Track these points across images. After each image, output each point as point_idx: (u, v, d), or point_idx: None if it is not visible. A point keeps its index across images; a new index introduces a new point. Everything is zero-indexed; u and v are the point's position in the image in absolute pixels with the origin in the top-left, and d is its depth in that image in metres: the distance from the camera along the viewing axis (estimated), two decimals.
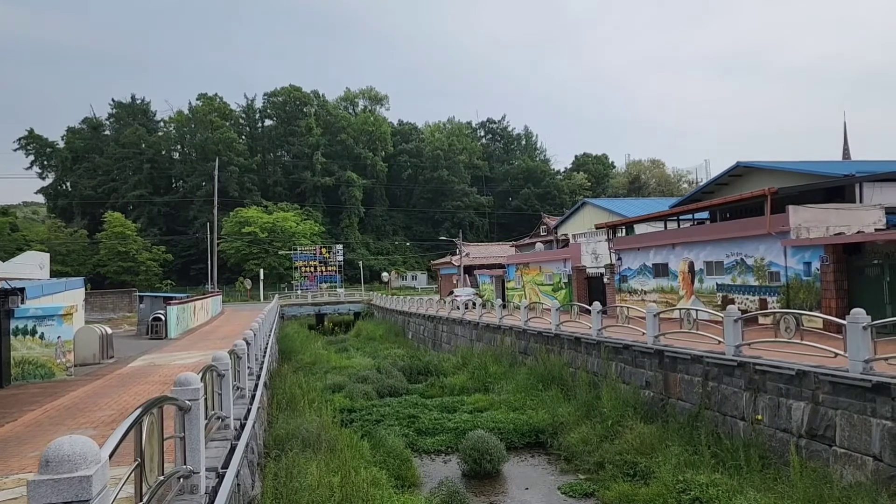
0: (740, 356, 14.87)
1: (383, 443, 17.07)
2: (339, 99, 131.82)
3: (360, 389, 25.24)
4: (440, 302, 47.87)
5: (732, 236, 24.41)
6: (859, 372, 11.66)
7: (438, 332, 41.66)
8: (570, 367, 22.59)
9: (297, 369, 29.30)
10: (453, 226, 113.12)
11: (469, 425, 19.19)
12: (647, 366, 18.51)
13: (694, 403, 16.17)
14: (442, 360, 31.73)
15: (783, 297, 21.89)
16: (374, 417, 21.13)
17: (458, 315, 37.82)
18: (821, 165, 27.82)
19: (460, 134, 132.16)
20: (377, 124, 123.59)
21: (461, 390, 25.20)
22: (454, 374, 27.92)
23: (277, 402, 19.93)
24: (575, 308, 25.88)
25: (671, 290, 28.37)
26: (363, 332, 53.05)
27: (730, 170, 30.14)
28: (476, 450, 16.24)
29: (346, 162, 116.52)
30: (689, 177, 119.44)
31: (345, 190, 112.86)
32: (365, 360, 35.18)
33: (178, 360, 21.19)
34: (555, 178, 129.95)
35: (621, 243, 33.20)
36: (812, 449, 12.61)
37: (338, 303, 73.83)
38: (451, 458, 17.73)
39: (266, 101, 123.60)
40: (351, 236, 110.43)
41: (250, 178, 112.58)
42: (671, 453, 14.30)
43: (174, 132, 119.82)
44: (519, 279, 46.57)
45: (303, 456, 13.14)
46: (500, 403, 21.79)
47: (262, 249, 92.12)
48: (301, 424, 15.48)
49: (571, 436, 17.46)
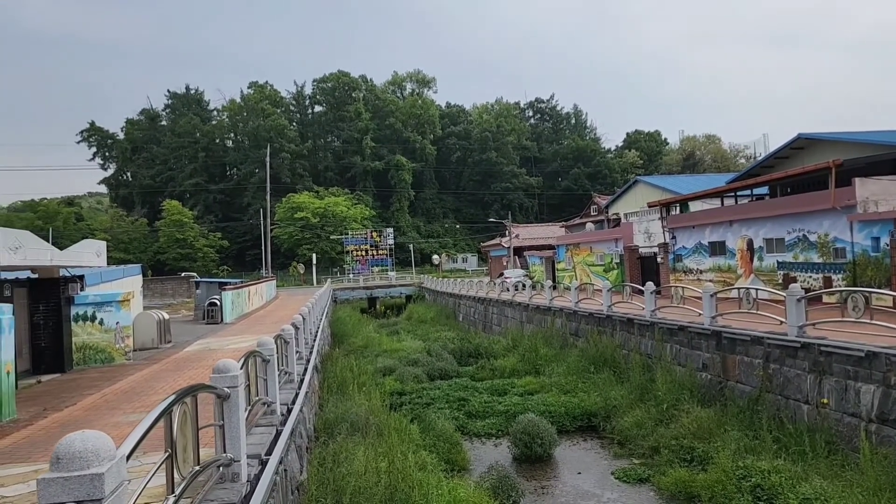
0: (804, 337, 14.17)
1: (433, 426, 16.97)
2: (387, 83, 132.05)
3: (411, 372, 25.23)
4: (490, 284, 47.55)
5: (794, 212, 23.37)
6: None
7: (489, 314, 41.41)
8: (623, 350, 22.08)
9: (349, 353, 29.49)
10: (502, 207, 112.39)
11: (519, 408, 18.94)
12: (703, 347, 17.89)
13: (754, 386, 15.54)
14: (492, 342, 31.49)
15: (849, 275, 20.87)
16: (423, 401, 21.05)
17: (508, 297, 37.51)
18: (888, 135, 26.37)
19: (508, 115, 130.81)
20: (425, 107, 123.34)
21: (511, 373, 24.94)
22: (504, 357, 27.66)
23: (328, 385, 20.04)
24: (627, 289, 25.26)
25: (728, 269, 27.43)
26: (414, 315, 53.11)
27: (790, 142, 28.88)
28: (527, 433, 15.98)
29: (395, 146, 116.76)
30: (746, 152, 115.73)
31: (394, 174, 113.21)
32: (415, 343, 35.19)
33: (232, 345, 21.50)
34: (605, 156, 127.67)
35: (675, 221, 32.28)
36: (883, 434, 11.93)
37: (389, 286, 74.20)
38: (502, 442, 17.52)
39: (315, 88, 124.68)
40: (401, 220, 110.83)
41: (301, 164, 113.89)
42: (730, 438, 13.77)
43: (227, 121, 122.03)
44: (569, 260, 45.89)
45: (351, 440, 13.09)
46: (551, 386, 21.46)
47: (314, 234, 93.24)
48: (350, 408, 15.48)
49: (625, 419, 17.04)
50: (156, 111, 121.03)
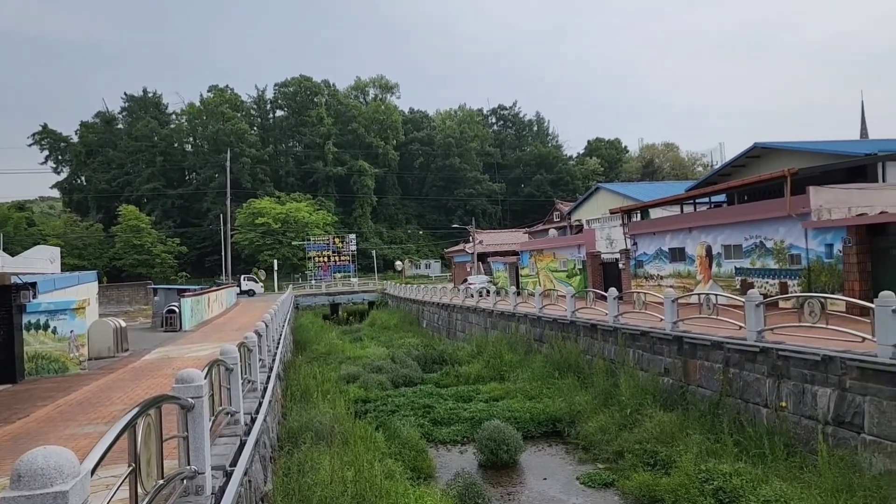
0: (763, 342, 14.47)
1: (398, 434, 16.86)
2: (350, 88, 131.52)
3: (375, 379, 25.05)
4: (454, 290, 47.57)
5: (751, 219, 23.90)
6: (889, 357, 11.24)
7: (453, 320, 41.40)
8: (587, 355, 22.26)
9: (312, 360, 29.17)
10: (466, 213, 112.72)
11: (485, 415, 18.94)
12: (665, 352, 18.14)
13: (714, 390, 15.81)
14: (456, 348, 31.46)
15: (804, 281, 21.41)
16: (388, 408, 20.91)
17: (472, 303, 37.54)
18: (841, 145, 27.17)
19: (471, 121, 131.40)
20: (388, 113, 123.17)
21: (476, 379, 24.93)
22: (469, 363, 27.63)
23: (291, 393, 19.77)
24: (590, 294, 25.50)
25: (688, 275, 27.91)
26: (377, 322, 52.82)
27: (747, 151, 29.55)
28: (492, 440, 15.98)
29: (357, 151, 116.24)
30: (703, 160, 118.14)
31: (357, 179, 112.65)
32: (379, 349, 34.96)
33: (192, 353, 21.07)
34: (567, 163, 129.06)
35: (636, 228, 32.73)
36: (839, 436, 12.23)
37: (352, 292, 73.77)
38: (468, 449, 17.49)
39: (277, 92, 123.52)
40: (364, 225, 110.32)
41: (263, 168, 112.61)
42: (692, 442, 13.97)
43: (186, 124, 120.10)
44: (533, 266, 46.17)
45: (316, 449, 12.93)
46: (516, 392, 21.50)
47: (275, 240, 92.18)
48: (314, 417, 15.29)
49: (589, 424, 17.16)
50: (112, 114, 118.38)
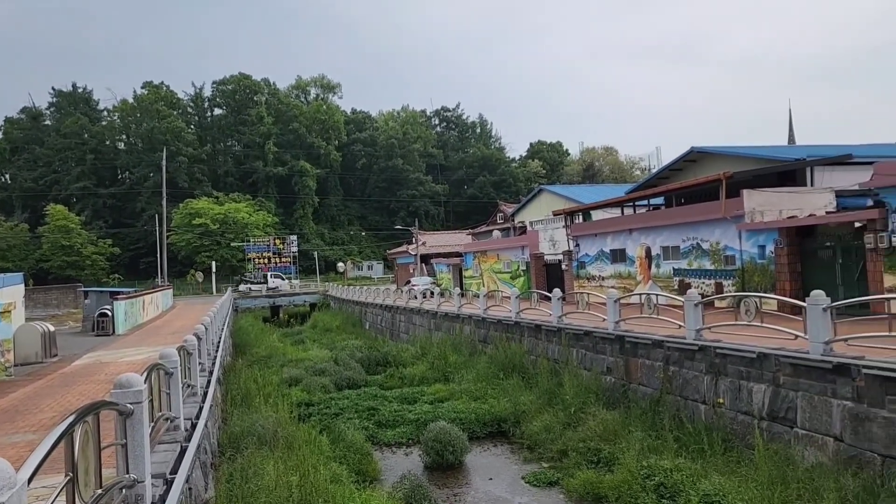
0: (701, 340, 14.86)
1: (343, 437, 16.65)
2: (291, 87, 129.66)
3: (318, 382, 24.70)
4: (397, 291, 47.43)
5: (688, 221, 24.56)
6: (820, 353, 11.68)
7: (396, 321, 41.23)
8: (531, 355, 22.45)
9: (252, 363, 28.58)
10: (409, 215, 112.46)
11: (430, 416, 18.88)
12: (608, 352, 18.45)
13: (655, 388, 16.16)
14: (400, 350, 31.32)
15: (738, 281, 22.11)
16: (332, 411, 20.64)
17: (416, 304, 37.46)
18: (773, 150, 28.23)
19: (414, 122, 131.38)
20: (330, 113, 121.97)
21: (421, 380, 24.86)
22: (413, 365, 27.54)
23: (232, 398, 19.32)
24: (534, 295, 25.74)
25: (629, 276, 28.50)
26: (319, 324, 52.22)
27: (684, 155, 30.38)
28: (438, 441, 15.94)
29: (298, 151, 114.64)
30: (641, 164, 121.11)
31: (298, 180, 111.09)
32: (322, 351, 34.53)
33: (127, 357, 20.37)
34: (510, 165, 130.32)
35: (578, 230, 33.24)
36: (774, 431, 12.65)
37: (293, 294, 72.83)
38: (413, 451, 17.42)
39: (215, 90, 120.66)
40: (305, 227, 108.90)
41: (200, 168, 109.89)
42: (634, 439, 14.22)
43: (119, 122, 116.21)
44: (476, 267, 46.38)
45: (259, 454, 12.63)
46: (461, 393, 21.52)
47: (213, 241, 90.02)
48: (257, 421, 14.95)
49: (534, 424, 17.30)
50: (38, 110, 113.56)
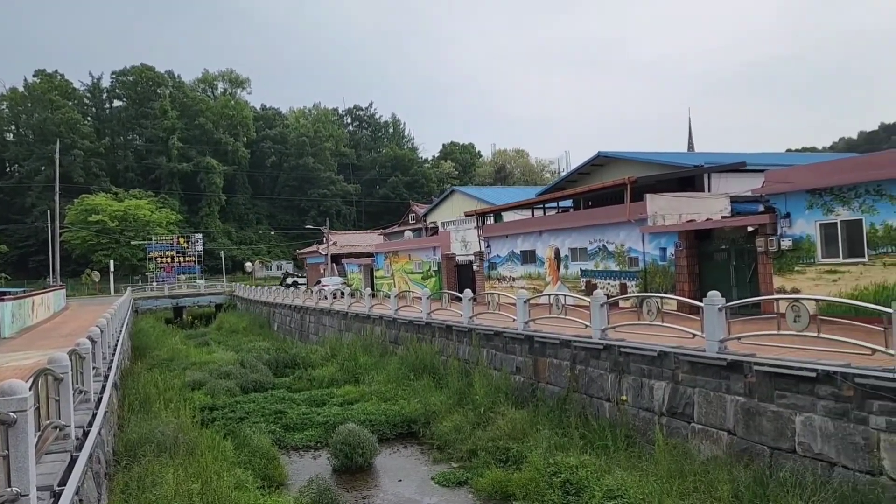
0: (606, 339, 15.30)
1: (248, 441, 16.15)
2: (197, 81, 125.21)
3: (223, 385, 23.91)
4: (307, 292, 46.71)
5: (595, 223, 25.30)
6: (715, 351, 12.24)
7: (305, 322, 40.56)
8: (442, 356, 22.52)
9: (153, 366, 27.37)
10: (320, 214, 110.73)
11: (339, 418, 18.61)
12: (517, 352, 18.73)
13: (563, 387, 16.52)
14: (310, 351, 30.80)
15: (641, 282, 22.96)
16: (237, 415, 20.01)
17: (326, 305, 36.96)
18: (674, 156, 29.51)
19: (326, 120, 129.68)
20: (238, 108, 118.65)
21: (330, 382, 24.50)
22: (323, 366, 27.13)
23: (129, 403, 18.38)
24: (445, 296, 25.85)
25: (538, 277, 29.07)
26: (225, 325, 50.76)
27: (592, 159, 31.30)
28: (347, 444, 15.72)
29: (205, 147, 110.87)
30: (551, 167, 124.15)
31: (204, 177, 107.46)
32: (227, 354, 33.48)
33: (13, 362, 18.96)
34: (423, 166, 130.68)
35: (490, 231, 33.65)
36: (672, 426, 13.17)
37: (197, 294, 70.59)
38: (321, 454, 17.12)
39: (115, 81, 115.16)
40: (211, 225, 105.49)
41: (98, 162, 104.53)
42: (542, 437, 14.46)
43: (7, 111, 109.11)
44: (388, 268, 46.22)
45: (158, 462, 12.06)
46: (371, 395, 21.35)
47: (112, 239, 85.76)
48: (156, 427, 14.28)
49: (444, 424, 17.33)
50: None
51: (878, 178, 16.02)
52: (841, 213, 16.89)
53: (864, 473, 9.57)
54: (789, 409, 10.81)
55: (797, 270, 17.91)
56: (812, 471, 10.13)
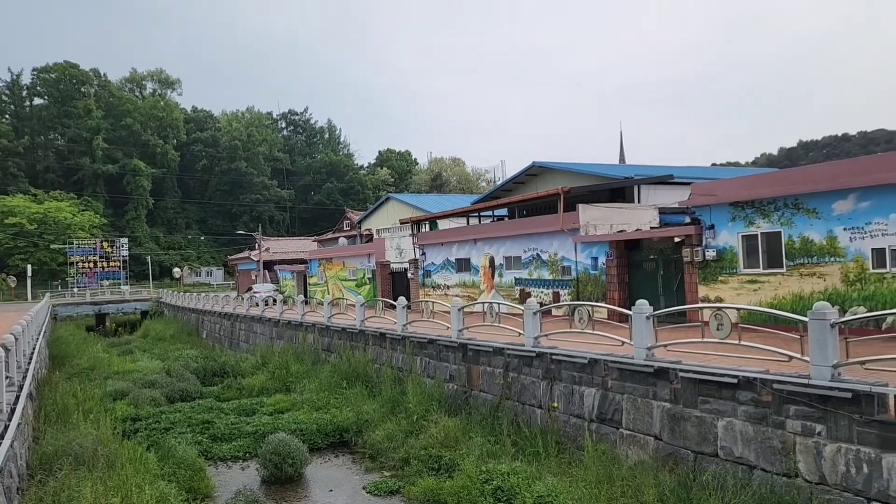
0: (539, 347, 15.48)
1: (173, 453, 15.59)
2: (125, 80, 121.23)
3: (147, 395, 23.08)
4: (237, 299, 45.84)
5: (529, 232, 25.65)
6: (643, 358, 12.54)
7: (236, 330, 39.71)
8: (376, 364, 22.36)
9: (72, 376, 26.16)
10: (252, 220, 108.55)
11: (269, 428, 18.20)
12: (451, 359, 18.76)
13: (496, 394, 16.61)
14: (240, 360, 30.16)
15: (574, 290, 23.38)
16: (162, 425, 19.33)
17: (258, 312, 36.28)
18: (605, 168, 30.24)
19: (260, 124, 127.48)
20: (168, 110, 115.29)
21: (261, 391, 23.99)
22: (253, 375, 26.53)
23: (46, 414, 17.51)
24: (380, 303, 25.73)
25: (473, 285, 29.25)
26: (151, 333, 49.19)
27: (526, 169, 31.75)
28: (276, 454, 15.38)
29: (132, 149, 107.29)
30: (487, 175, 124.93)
31: (131, 179, 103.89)
32: (153, 362, 32.43)
33: None
34: (358, 173, 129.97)
35: (425, 238, 33.68)
36: (602, 432, 13.41)
37: (122, 301, 68.27)
38: (250, 464, 16.70)
39: (35, 78, 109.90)
40: (138, 229, 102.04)
41: (15, 162, 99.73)
42: (474, 445, 14.49)
43: None
44: (322, 275, 45.72)
45: (75, 476, 11.49)
46: (303, 403, 20.99)
47: (30, 243, 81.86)
48: (74, 439, 13.63)
49: (376, 433, 17.18)
50: None
51: (795, 192, 16.82)
52: (761, 226, 17.64)
53: (781, 476, 9.96)
54: (712, 415, 11.17)
55: (721, 280, 18.58)
56: (733, 474, 10.48)
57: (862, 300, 15.44)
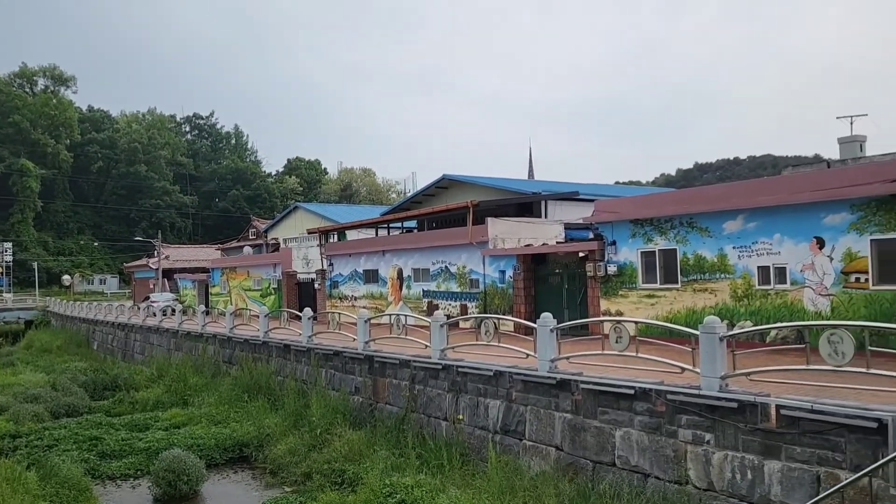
0: (445, 359, 15.53)
1: (56, 472, 14.63)
2: (13, 75, 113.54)
3: (29, 410, 21.63)
4: (133, 308, 43.88)
5: (438, 245, 25.79)
6: (546, 371, 12.79)
7: (130, 341, 37.93)
8: (279, 376, 21.86)
9: None
10: (152, 226, 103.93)
11: (164, 444, 17.42)
12: (357, 372, 18.55)
13: (401, 407, 16.53)
14: (134, 372, 28.83)
15: (481, 303, 23.65)
16: (45, 442, 18.14)
17: (155, 322, 34.80)
18: (514, 183, 30.88)
19: (162, 127, 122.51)
20: (61, 108, 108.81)
21: (156, 405, 22.96)
22: (148, 388, 25.43)
23: None
24: (285, 314, 25.21)
25: (381, 296, 29.09)
26: (36, 344, 46.21)
27: (437, 182, 31.97)
28: (170, 471, 14.71)
29: (19, 148, 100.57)
30: (397, 187, 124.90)
31: (17, 180, 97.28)
32: (37, 375, 30.43)
33: None
34: (266, 180, 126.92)
35: (333, 249, 33.28)
36: (506, 444, 13.57)
37: (4, 310, 63.87)
38: (142, 482, 15.89)
39: None
40: (24, 233, 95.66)
41: None
42: (379, 458, 14.34)
43: None
44: (225, 284, 44.42)
45: None
46: (201, 417, 20.24)
47: None
48: None
49: (278, 447, 16.76)
50: None
51: (690, 211, 17.69)
52: (659, 243, 18.43)
53: (673, 483, 10.36)
54: (610, 425, 11.50)
55: (621, 294, 19.26)
56: (629, 482, 10.82)
57: (749, 315, 16.39)
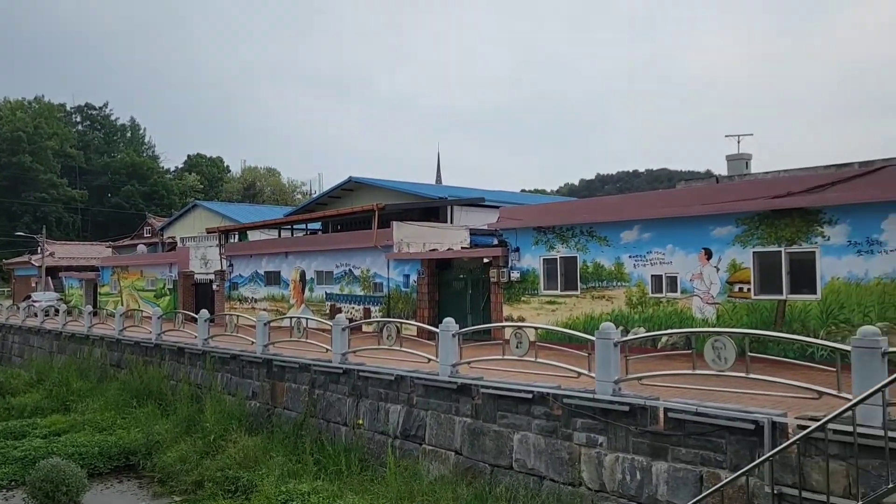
0: (346, 363, 15.33)
1: None
2: None
3: None
4: (12, 308, 41.14)
5: (343, 247, 25.50)
6: (448, 375, 12.84)
7: (8, 343, 35.60)
8: (172, 380, 20.97)
9: None
10: (36, 220, 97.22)
11: (42, 452, 16.31)
12: (254, 376, 18.05)
13: (300, 412, 16.20)
14: (10, 376, 26.99)
15: (385, 307, 23.52)
16: None
17: (36, 323, 32.71)
18: (421, 187, 30.94)
19: (51, 116, 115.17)
20: None
21: (34, 411, 21.55)
22: (26, 393, 23.86)
23: None
24: (180, 316, 24.24)
25: (282, 299, 28.46)
26: None
27: (343, 184, 31.62)
28: (48, 481, 13.76)
29: None
30: (303, 188, 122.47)
31: None
32: None
33: None
34: (164, 176, 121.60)
35: (233, 249, 32.31)
36: (406, 448, 13.52)
37: None
38: (16, 494, 14.84)
39: None
40: None
41: None
42: (275, 464, 13.98)
43: None
44: (115, 284, 42.31)
45: None
46: (84, 424, 19.12)
47: None
48: None
49: (168, 455, 16.03)
50: None
51: (590, 220, 18.27)
52: (560, 250, 18.92)
53: (567, 485, 10.61)
54: (509, 429, 11.66)
55: (523, 300, 19.63)
56: (525, 485, 11.01)
57: (642, 321, 17.06)
